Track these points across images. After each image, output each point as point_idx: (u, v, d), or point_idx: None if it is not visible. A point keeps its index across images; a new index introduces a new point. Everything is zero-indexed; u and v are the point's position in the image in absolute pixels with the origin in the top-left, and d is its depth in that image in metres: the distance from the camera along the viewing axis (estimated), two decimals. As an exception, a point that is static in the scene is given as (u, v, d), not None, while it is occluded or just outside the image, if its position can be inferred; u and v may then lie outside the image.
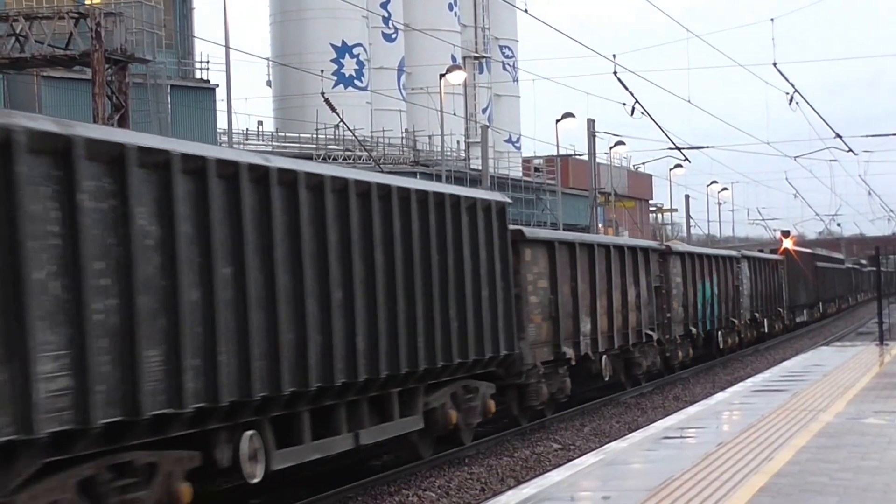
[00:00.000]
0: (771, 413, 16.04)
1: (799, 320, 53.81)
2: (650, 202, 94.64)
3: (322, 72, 54.37)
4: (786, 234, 65.26)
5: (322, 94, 45.53)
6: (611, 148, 66.81)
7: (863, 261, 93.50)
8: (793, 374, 22.97)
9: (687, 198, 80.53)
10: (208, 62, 51.04)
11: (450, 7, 71.78)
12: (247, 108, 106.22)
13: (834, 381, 20.73)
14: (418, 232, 15.89)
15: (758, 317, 42.60)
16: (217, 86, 47.83)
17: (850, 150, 46.26)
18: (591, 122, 51.39)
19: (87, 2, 37.53)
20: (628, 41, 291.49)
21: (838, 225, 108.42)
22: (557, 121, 55.20)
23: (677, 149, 45.30)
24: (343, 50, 64.64)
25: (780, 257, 50.12)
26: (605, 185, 65.20)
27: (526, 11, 31.04)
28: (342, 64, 64.42)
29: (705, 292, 34.15)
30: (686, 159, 53.90)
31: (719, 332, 36.31)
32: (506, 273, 18.67)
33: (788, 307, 50.29)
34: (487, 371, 18.35)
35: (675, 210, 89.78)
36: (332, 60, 63.80)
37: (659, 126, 39.21)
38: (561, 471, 12.07)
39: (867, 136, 52.42)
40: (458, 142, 66.93)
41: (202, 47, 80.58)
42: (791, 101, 37.11)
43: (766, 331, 44.46)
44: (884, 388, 19.13)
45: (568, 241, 23.00)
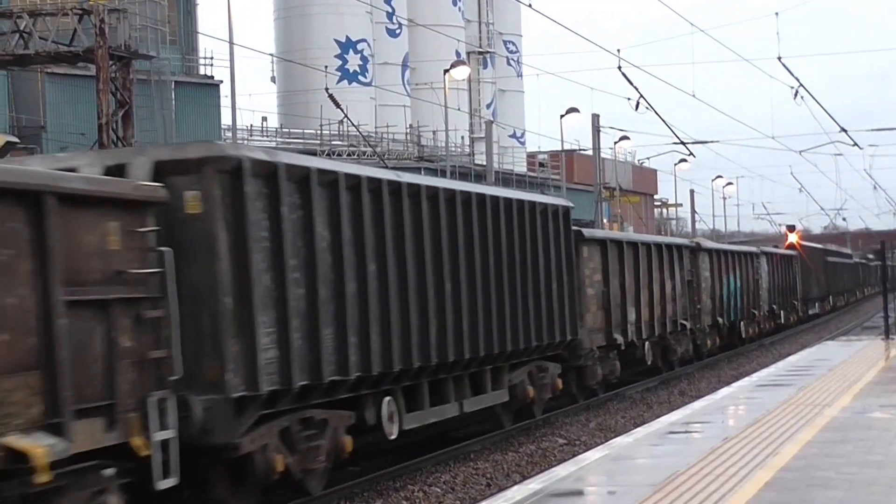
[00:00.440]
0: (776, 408, 16.02)
1: (811, 312, 56.13)
2: (655, 197, 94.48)
3: (326, 67, 54.29)
4: (791, 228, 65.23)
5: (326, 89, 45.51)
6: (615, 143, 66.68)
7: (870, 255, 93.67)
8: (798, 368, 22.94)
9: (692, 192, 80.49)
10: (212, 58, 51.15)
11: (454, 2, 71.68)
12: (251, 104, 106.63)
13: (839, 375, 20.70)
14: (505, 234, 18.77)
15: (775, 309, 45.36)
16: (221, 82, 47.83)
17: (856, 145, 46.22)
18: (595, 117, 51.35)
19: (90, -2, 37.51)
20: (633, 36, 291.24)
21: (844, 219, 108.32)
22: (562, 116, 55.13)
23: (682, 143, 45.25)
24: (347, 45, 64.58)
25: (795, 253, 52.34)
26: (609, 180, 65.15)
27: (530, 6, 30.96)
28: (346, 59, 64.33)
29: (730, 286, 37.25)
30: (691, 154, 53.79)
31: (742, 323, 39.14)
32: (570, 268, 21.56)
33: (802, 300, 52.82)
34: (555, 353, 21.30)
35: (680, 205, 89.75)
36: (336, 56, 63.69)
37: (663, 121, 39.20)
38: (566, 466, 12.07)
39: (873, 131, 52.46)
40: (462, 137, 66.84)
41: (206, 43, 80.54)
42: (796, 96, 37.06)
43: (782, 322, 46.94)
44: (889, 382, 19.10)
45: (617, 240, 26.53)
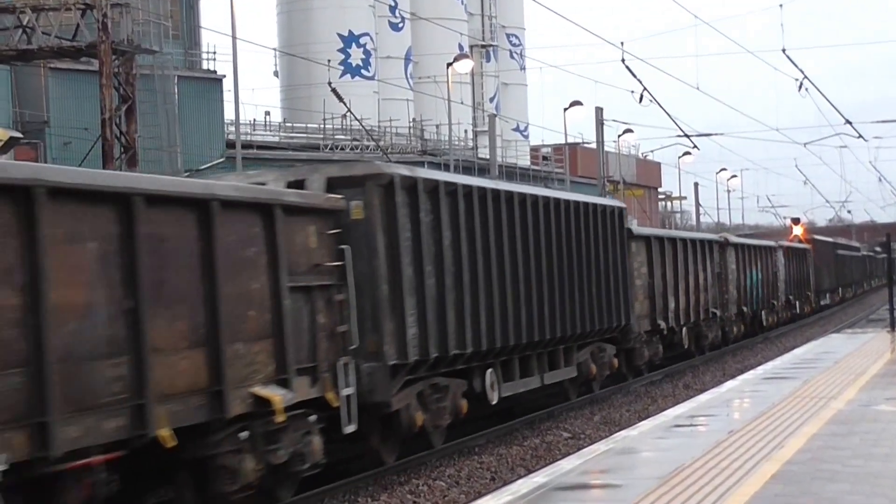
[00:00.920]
0: (782, 401, 15.98)
1: (823, 303, 58.79)
2: (659, 190, 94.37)
3: (329, 61, 54.21)
4: (796, 221, 65.25)
5: (329, 83, 45.45)
6: (619, 136, 66.69)
7: (877, 248, 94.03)
8: (803, 361, 22.90)
9: (696, 185, 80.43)
10: (215, 53, 51.05)
11: (457, -5, 71.53)
12: (254, 98, 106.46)
13: (845, 368, 20.65)
14: (574, 233, 21.70)
15: (791, 299, 48.57)
16: (224, 76, 47.79)
17: (861, 137, 46.08)
18: (599, 111, 51.25)
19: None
20: (636, 28, 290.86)
21: (849, 212, 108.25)
22: (565, 109, 55.07)
23: (686, 136, 45.21)
24: (350, 39, 64.51)
25: (808, 247, 54.79)
26: (613, 174, 65.05)
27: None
28: (349, 53, 64.27)
29: (752, 278, 40.42)
30: (695, 147, 53.81)
31: (763, 312, 42.47)
32: (623, 262, 24.69)
33: (815, 291, 55.52)
34: (611, 336, 24.35)
35: (685, 198, 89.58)
36: (339, 50, 63.64)
37: (667, 113, 39.15)
38: (571, 459, 12.02)
39: (878, 122, 52.37)
40: (465, 131, 66.76)
41: (209, 38, 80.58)
42: (800, 88, 37.00)
43: (797, 311, 49.91)
44: (895, 374, 19.04)
45: (659, 236, 29.92)
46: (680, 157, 75.92)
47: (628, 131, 64.16)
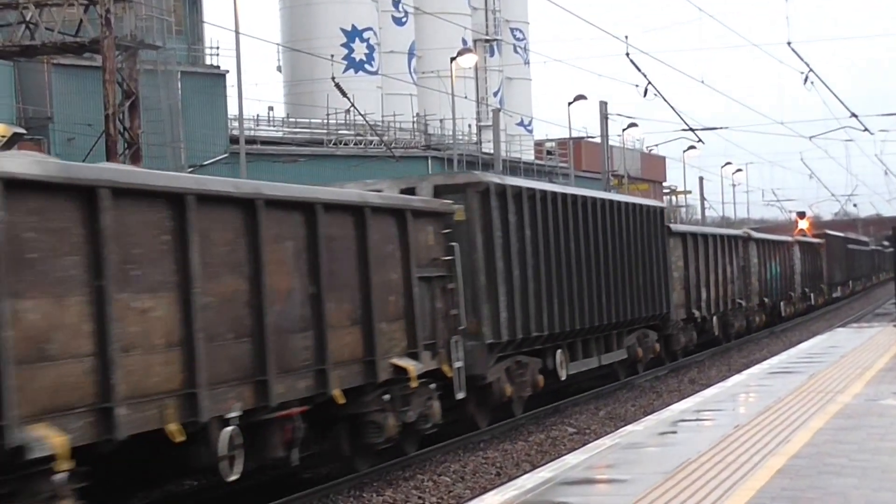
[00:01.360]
0: (788, 395, 15.91)
1: (835, 295, 61.47)
2: (664, 184, 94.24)
3: (332, 56, 54.10)
4: (801, 215, 65.26)
5: (333, 78, 45.41)
6: (624, 130, 66.52)
7: (885, 242, 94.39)
8: (809, 355, 22.82)
9: (701, 179, 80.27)
10: (218, 48, 50.91)
11: (460, -10, 71.40)
12: (257, 93, 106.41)
13: (851, 362, 20.58)
14: (625, 231, 24.65)
15: (807, 291, 51.54)
16: (227, 71, 47.72)
17: (866, 130, 46.00)
18: (603, 105, 51.19)
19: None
20: (640, 22, 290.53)
21: (854, 205, 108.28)
22: (569, 103, 55.03)
23: (691, 130, 45.10)
24: (353, 34, 64.40)
25: (821, 241, 57.13)
26: (618, 168, 65.01)
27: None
28: (352, 48, 64.15)
29: (771, 270, 43.30)
30: (700, 141, 53.66)
31: (781, 303, 45.42)
32: (664, 256, 27.84)
33: (828, 283, 58.33)
34: (654, 324, 27.33)
35: (690, 192, 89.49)
36: (343, 45, 63.51)
37: (672, 107, 39.07)
38: (577, 454, 11.97)
39: (883, 115, 52.21)
40: (469, 125, 66.64)
41: (212, 33, 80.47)
42: (806, 81, 36.89)
43: (812, 303, 52.59)
44: (901, 368, 18.96)
45: (693, 232, 33.36)
46: (685, 151, 75.84)
47: (633, 125, 64.09)
